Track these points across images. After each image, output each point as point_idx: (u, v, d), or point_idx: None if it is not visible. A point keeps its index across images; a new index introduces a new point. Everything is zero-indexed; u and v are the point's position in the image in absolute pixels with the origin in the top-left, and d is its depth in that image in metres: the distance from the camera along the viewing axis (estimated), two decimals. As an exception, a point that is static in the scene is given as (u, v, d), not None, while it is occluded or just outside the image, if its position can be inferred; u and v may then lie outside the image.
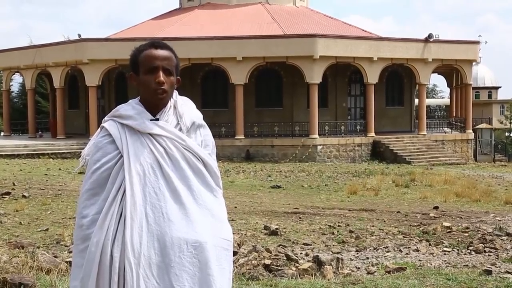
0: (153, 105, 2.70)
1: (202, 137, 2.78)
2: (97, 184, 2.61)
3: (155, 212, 2.55)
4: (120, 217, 2.55)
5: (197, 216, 2.60)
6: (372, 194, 17.17)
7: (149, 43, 2.75)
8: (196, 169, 2.68)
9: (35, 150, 29.24)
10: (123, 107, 2.73)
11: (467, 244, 9.29)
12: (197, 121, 2.78)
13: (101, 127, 2.73)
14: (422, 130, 34.71)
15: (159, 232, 2.53)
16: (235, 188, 18.13)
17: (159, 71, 2.68)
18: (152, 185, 2.58)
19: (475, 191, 17.41)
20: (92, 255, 2.52)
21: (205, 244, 2.57)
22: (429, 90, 68.96)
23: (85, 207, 2.61)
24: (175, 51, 2.81)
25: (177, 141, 2.66)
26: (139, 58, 2.72)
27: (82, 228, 2.59)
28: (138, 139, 2.64)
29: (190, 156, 2.67)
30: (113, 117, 2.72)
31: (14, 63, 37.44)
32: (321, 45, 31.43)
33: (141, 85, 2.70)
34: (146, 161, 2.61)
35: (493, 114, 56.39)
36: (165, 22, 38.41)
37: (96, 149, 2.67)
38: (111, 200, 2.56)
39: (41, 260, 6.34)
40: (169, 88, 2.71)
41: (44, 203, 12.71)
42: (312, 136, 31.51)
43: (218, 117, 33.33)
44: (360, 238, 9.92)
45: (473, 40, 37.93)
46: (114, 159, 2.62)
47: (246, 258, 7.29)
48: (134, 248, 2.50)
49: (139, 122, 2.65)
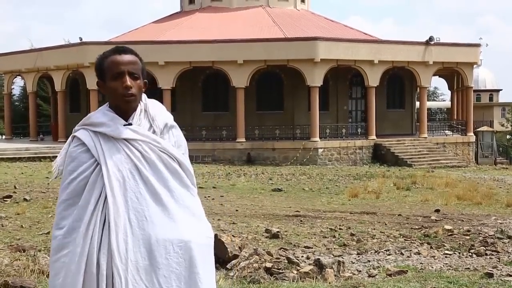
0: (123, 110, 2.69)
1: (175, 137, 2.80)
2: (75, 194, 2.60)
3: (138, 216, 2.57)
4: (103, 225, 2.55)
5: (179, 216, 2.62)
6: (373, 197, 17.15)
7: (112, 49, 2.74)
8: (172, 170, 2.69)
9: (37, 153, 29.26)
10: (94, 114, 2.72)
11: (469, 247, 9.28)
12: (169, 123, 2.79)
13: (72, 137, 2.72)
14: (423, 133, 34.70)
15: (144, 235, 2.55)
16: (236, 191, 18.13)
17: (125, 75, 2.66)
18: (132, 190, 2.59)
19: (477, 194, 17.39)
20: (76, 266, 2.51)
21: (189, 243, 2.60)
22: (430, 93, 68.96)
23: (62, 217, 2.61)
24: (139, 54, 2.80)
25: (153, 144, 2.67)
26: (104, 65, 2.71)
27: (58, 238, 2.58)
28: (113, 145, 2.64)
29: (166, 157, 2.68)
30: (85, 126, 2.71)
31: (15, 67, 37.50)
32: (322, 48, 31.45)
33: (109, 91, 2.69)
34: (124, 166, 2.61)
35: (494, 117, 56.45)
36: (166, 25, 38.46)
37: (70, 159, 2.66)
38: (92, 209, 2.56)
39: (42, 263, 6.34)
40: (137, 91, 2.69)
41: (45, 206, 12.71)
42: (313, 139, 31.51)
43: (219, 120, 33.38)
44: (361, 241, 9.91)
45: (474, 43, 37.94)
46: (90, 168, 2.61)
47: (247, 261, 7.29)
48: (120, 254, 2.51)
49: (112, 128, 2.65)
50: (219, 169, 26.44)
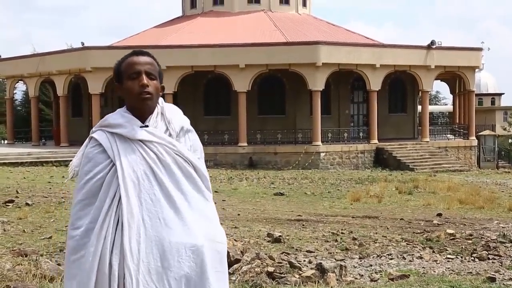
0: (140, 110, 2.70)
1: (191, 141, 2.80)
2: (91, 194, 2.61)
3: (152, 218, 2.57)
4: (117, 225, 2.56)
5: (192, 220, 2.62)
6: (375, 201, 17.14)
7: (130, 53, 2.77)
8: (187, 174, 2.69)
9: (39, 158, 29.28)
10: (111, 116, 2.74)
11: (471, 251, 9.26)
12: (186, 126, 2.80)
13: (89, 138, 2.74)
14: (425, 137, 34.68)
15: (157, 237, 2.55)
16: (238, 196, 18.13)
17: (142, 75, 2.69)
18: (147, 192, 2.60)
19: (479, 198, 17.36)
20: (89, 265, 2.52)
21: (201, 247, 2.59)
22: (432, 97, 68.95)
23: (78, 218, 2.61)
24: (157, 59, 2.84)
25: (168, 147, 2.68)
26: (121, 67, 2.73)
27: (75, 239, 2.59)
28: (129, 146, 2.65)
29: (181, 161, 2.69)
30: (102, 127, 2.72)
31: (17, 71, 37.56)
32: (324, 52, 31.47)
33: (126, 92, 2.71)
34: (139, 168, 2.62)
35: (496, 121, 56.41)
36: (168, 30, 38.53)
37: (87, 159, 2.67)
38: (107, 209, 2.57)
39: (44, 268, 6.34)
40: (154, 91, 2.70)
41: (47, 211, 12.72)
42: (315, 143, 31.51)
43: (221, 125, 33.38)
44: (364, 245, 9.90)
45: (475, 47, 37.94)
46: (106, 169, 2.63)
47: (249, 265, 7.28)
48: (133, 254, 2.51)
49: (129, 129, 2.66)
50: (221, 173, 26.44)
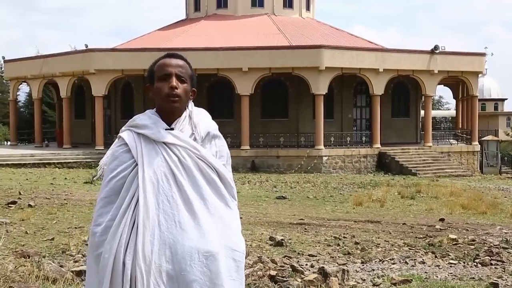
0: (168, 112, 2.72)
1: (217, 147, 2.80)
2: (113, 192, 2.64)
3: (168, 220, 2.57)
4: (133, 225, 2.57)
5: (209, 226, 2.60)
6: (378, 205, 17.13)
7: (164, 55, 2.80)
8: (209, 179, 2.69)
9: (41, 160, 29.34)
10: (139, 116, 2.77)
11: (473, 257, 9.24)
12: (212, 132, 2.79)
13: (118, 137, 2.78)
14: (428, 141, 34.66)
15: (171, 240, 2.54)
16: (241, 199, 18.10)
17: (172, 77, 2.70)
18: (165, 194, 2.60)
19: (481, 203, 17.33)
20: (105, 262, 2.54)
21: (216, 254, 2.57)
22: (435, 102, 68.89)
23: (100, 215, 2.64)
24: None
25: (191, 151, 2.68)
26: (153, 69, 2.76)
27: (96, 235, 2.62)
28: (152, 148, 2.67)
29: (203, 165, 2.68)
30: (130, 127, 2.75)
31: (21, 73, 37.65)
32: (327, 56, 31.49)
33: (155, 93, 2.73)
34: (160, 169, 2.63)
35: (499, 126, 56.28)
36: (172, 33, 38.57)
37: (113, 158, 2.71)
38: (125, 207, 2.58)
39: (47, 269, 6.34)
40: (183, 94, 2.72)
41: (50, 212, 12.74)
42: (317, 147, 31.51)
43: (223, 128, 32.71)
44: (366, 249, 9.89)
45: (479, 52, 37.91)
46: (129, 168, 2.65)
47: (252, 269, 7.28)
48: (145, 255, 2.52)
49: (154, 131, 2.68)
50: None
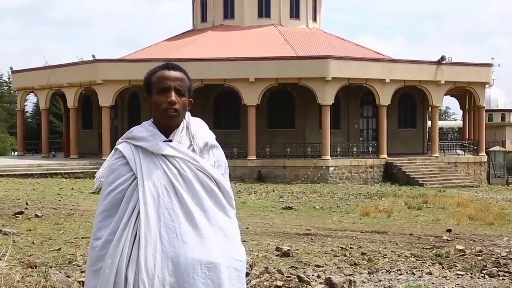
0: (165, 125, 2.71)
1: (215, 157, 2.79)
2: (112, 206, 2.63)
3: (169, 233, 2.56)
4: (134, 239, 2.56)
5: (210, 237, 2.60)
6: (385, 216, 17.07)
7: (162, 65, 2.78)
8: (209, 190, 2.68)
9: (48, 170, 29.41)
10: (137, 129, 2.75)
11: (481, 268, 9.20)
12: (210, 142, 2.79)
13: (115, 149, 2.76)
14: (435, 152, 34.58)
15: (173, 253, 2.54)
16: (247, 209, 18.11)
17: (171, 91, 2.70)
18: (166, 206, 2.59)
19: (489, 214, 17.26)
20: (106, 277, 2.53)
21: (218, 265, 2.57)
22: (442, 112, 68.75)
23: (99, 229, 2.63)
24: (188, 73, 2.84)
25: (190, 162, 2.67)
26: (152, 79, 2.74)
27: (95, 250, 2.60)
28: (151, 160, 2.65)
29: (203, 176, 2.68)
30: (127, 139, 2.74)
31: (28, 84, 37.84)
32: (334, 67, 31.52)
33: (153, 105, 2.72)
34: (160, 182, 2.62)
35: (507, 137, 56.05)
36: (179, 43, 38.72)
37: (110, 171, 2.69)
38: (126, 221, 2.57)
39: (53, 279, 6.34)
40: (181, 108, 2.72)
41: (56, 222, 12.75)
42: (324, 157, 31.48)
43: (230, 138, 33.38)
44: (373, 260, 9.85)
45: (486, 63, 37.87)
46: (128, 181, 2.64)
47: (258, 279, 7.26)
48: (148, 269, 2.51)
49: (152, 143, 2.67)
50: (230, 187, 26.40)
